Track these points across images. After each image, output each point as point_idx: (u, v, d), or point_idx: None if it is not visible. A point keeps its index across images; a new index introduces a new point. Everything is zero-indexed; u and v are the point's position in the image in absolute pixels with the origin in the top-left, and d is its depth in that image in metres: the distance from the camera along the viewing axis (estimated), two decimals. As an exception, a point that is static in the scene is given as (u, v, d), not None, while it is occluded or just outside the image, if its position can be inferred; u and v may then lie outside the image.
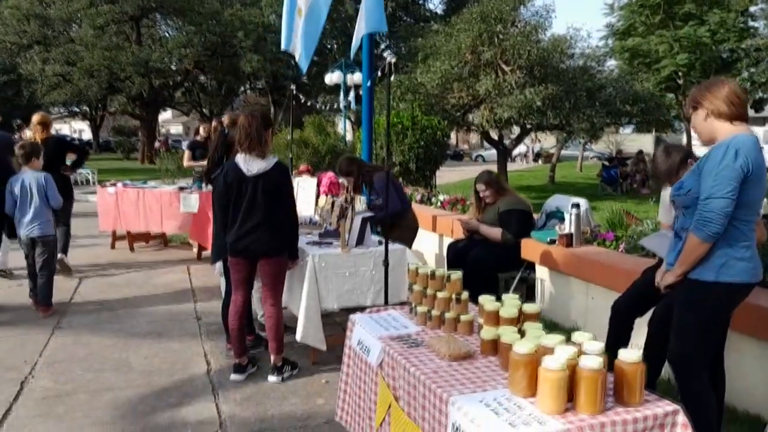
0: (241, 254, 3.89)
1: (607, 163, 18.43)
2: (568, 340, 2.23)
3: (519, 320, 2.53)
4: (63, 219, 6.49)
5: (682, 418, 2.04)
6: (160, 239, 8.45)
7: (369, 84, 6.40)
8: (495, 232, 5.25)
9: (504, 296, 2.73)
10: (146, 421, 3.41)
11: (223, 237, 3.95)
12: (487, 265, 5.25)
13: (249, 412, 3.54)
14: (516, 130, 15.24)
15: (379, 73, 4.89)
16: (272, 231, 3.83)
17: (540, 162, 34.92)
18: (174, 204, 7.66)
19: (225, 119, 4.77)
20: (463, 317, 2.77)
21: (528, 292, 5.70)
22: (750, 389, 3.43)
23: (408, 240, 5.15)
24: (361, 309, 4.64)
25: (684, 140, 28.22)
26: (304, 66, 5.75)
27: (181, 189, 7.82)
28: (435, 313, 2.82)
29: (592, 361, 1.98)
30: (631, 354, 2.05)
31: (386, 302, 3.95)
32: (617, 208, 5.53)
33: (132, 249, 8.10)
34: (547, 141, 38.81)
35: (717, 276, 2.57)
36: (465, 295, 2.80)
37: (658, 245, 3.59)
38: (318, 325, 4.03)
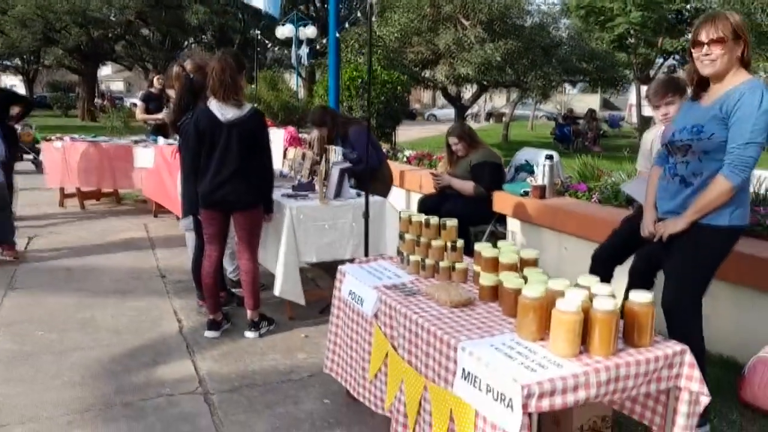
0: (216, 206, 3.70)
1: (560, 121, 18.68)
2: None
3: (518, 266, 2.48)
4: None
5: (689, 357, 2.05)
6: (113, 197, 8.06)
7: (336, 35, 6.16)
8: (467, 186, 5.20)
9: (500, 243, 2.68)
10: (120, 381, 3.25)
11: (195, 189, 3.75)
12: (460, 219, 5.18)
13: (228, 368, 3.42)
14: (473, 87, 15.18)
15: (359, 15, 4.68)
16: (248, 182, 3.66)
17: (491, 121, 35.16)
18: (127, 159, 7.29)
19: (188, 65, 4.48)
20: (458, 265, 2.70)
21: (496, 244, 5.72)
22: (724, 333, 3.53)
23: (382, 194, 5.03)
24: (341, 263, 4.58)
25: (631, 100, 28.88)
26: (275, 11, 5.45)
27: (135, 143, 7.44)
28: (429, 261, 2.75)
29: (606, 303, 1.95)
30: (643, 295, 2.03)
31: (366, 255, 3.86)
32: (587, 161, 5.56)
33: (83, 207, 7.70)
34: (498, 100, 39.13)
35: (730, 221, 2.55)
36: (460, 243, 2.73)
37: (640, 191, 3.60)
38: (296, 279, 3.91)
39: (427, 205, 5.58)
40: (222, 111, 3.56)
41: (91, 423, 2.85)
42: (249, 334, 3.84)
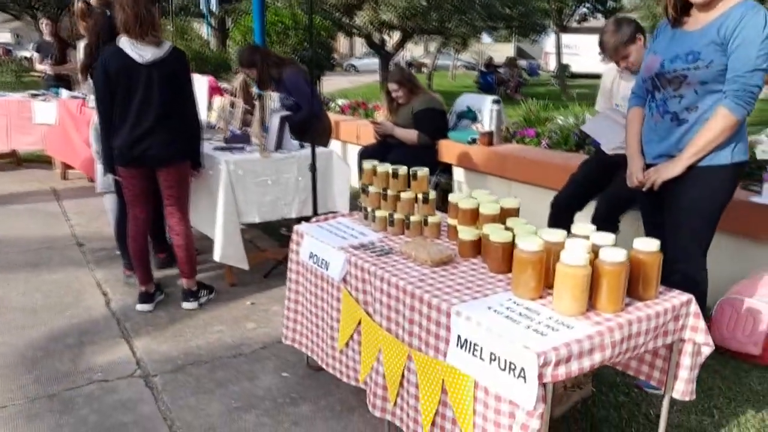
0: (136, 163, 3.24)
1: (483, 70, 18.63)
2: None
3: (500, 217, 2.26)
4: None
5: (694, 307, 1.91)
6: (11, 158, 7.21)
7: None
8: (411, 135, 4.93)
9: (475, 193, 2.44)
10: (41, 369, 2.82)
11: (110, 144, 3.27)
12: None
13: (168, 345, 3.05)
14: (396, 35, 14.74)
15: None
16: (173, 132, 3.22)
17: (411, 71, 34.78)
18: (25, 115, 6.48)
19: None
20: (431, 219, 2.45)
21: (443, 195, 5.53)
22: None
23: (324, 144, 4.68)
24: (283, 223, 4.22)
25: (547, 48, 29.34)
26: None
27: (33, 96, 6.61)
28: (398, 216, 2.48)
29: (616, 253, 1.75)
30: (649, 243, 1.85)
31: (315, 212, 3.53)
32: (531, 105, 5.41)
33: (-25, 171, 6.85)
34: (416, 50, 38.71)
35: (732, 157, 2.35)
36: (433, 194, 2.47)
37: (601, 130, 3.46)
38: (238, 241, 3.54)
39: (367, 157, 5.28)
40: (138, 50, 3.07)
41: (10, 422, 2.43)
42: (187, 305, 3.46)
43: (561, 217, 3.59)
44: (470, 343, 1.74)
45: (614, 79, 3.53)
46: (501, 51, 34.69)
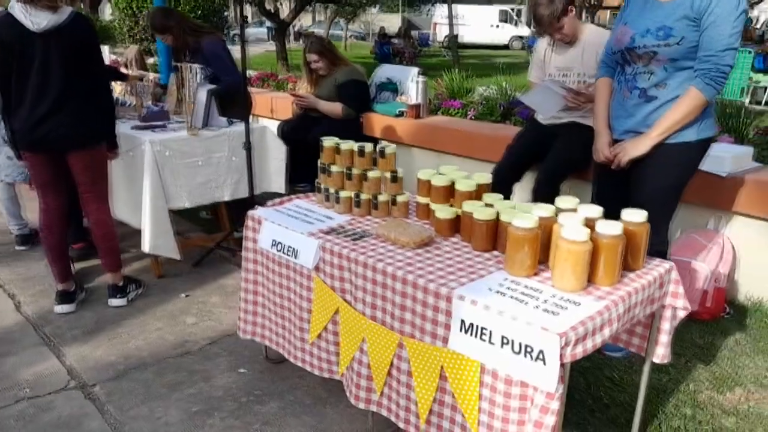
0: (39, 147, 2.86)
1: (378, 40, 18.53)
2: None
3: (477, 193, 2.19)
4: None
5: (675, 274, 1.96)
6: None
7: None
8: (335, 107, 4.76)
9: (442, 168, 2.36)
10: (-48, 390, 2.44)
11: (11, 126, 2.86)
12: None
13: (103, 349, 2.75)
14: (290, 3, 14.22)
15: None
16: (80, 111, 2.86)
17: (301, 42, 34.00)
18: None
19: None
20: (399, 198, 2.34)
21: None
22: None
23: (244, 117, 4.40)
24: (210, 207, 3.92)
25: (435, 19, 29.73)
26: None
27: None
28: (365, 196, 2.34)
29: (612, 227, 1.75)
30: (635, 214, 1.86)
31: (251, 195, 3.31)
32: (455, 77, 5.39)
33: None
34: (303, 20, 37.83)
35: (698, 134, 2.36)
36: (401, 171, 2.36)
37: (539, 100, 3.49)
38: (169, 229, 3.24)
39: (288, 132, 5.04)
40: (31, 17, 2.67)
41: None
42: (115, 302, 3.14)
43: (500, 188, 3.60)
44: (477, 327, 1.67)
45: (546, 51, 3.57)
46: (389, 22, 34.77)
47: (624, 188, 2.64)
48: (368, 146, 2.32)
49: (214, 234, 3.85)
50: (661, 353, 2.02)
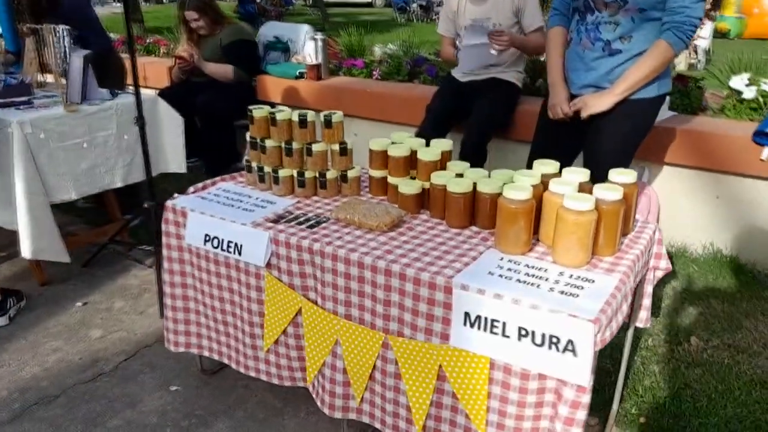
0: None
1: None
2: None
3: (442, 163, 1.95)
4: None
5: (658, 233, 1.87)
6: None
7: None
8: (225, 70, 4.28)
9: (395, 135, 2.09)
10: None
11: None
12: (221, 112, 4.32)
13: (-13, 384, 2.23)
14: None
15: None
16: None
17: (152, 2, 31.32)
18: None
19: None
20: (351, 173, 2.04)
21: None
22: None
23: (120, 88, 3.80)
24: (98, 197, 3.34)
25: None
26: None
27: None
28: (310, 174, 2.02)
29: (612, 193, 1.59)
30: (626, 174, 1.72)
31: (149, 176, 2.82)
32: (353, 34, 5.04)
33: None
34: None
35: (659, 89, 2.27)
36: (350, 142, 2.05)
37: (468, 56, 3.29)
38: (53, 228, 2.68)
39: (169, 102, 4.47)
40: None
41: None
42: (-8, 322, 2.57)
43: (426, 151, 3.41)
44: (486, 319, 1.45)
45: (459, 2, 3.36)
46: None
47: (571, 145, 2.54)
48: (310, 114, 1.99)
49: (103, 226, 3.30)
50: (644, 317, 1.94)
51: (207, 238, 1.89)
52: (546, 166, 1.80)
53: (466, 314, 1.48)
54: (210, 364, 2.25)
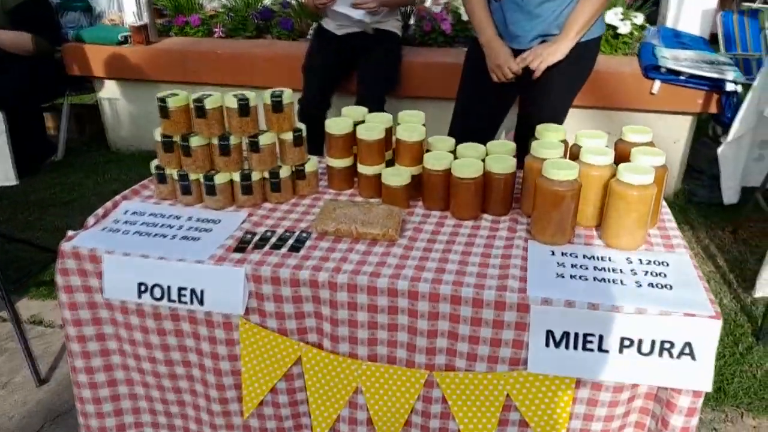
0: None
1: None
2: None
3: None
4: None
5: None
6: None
7: None
8: (22, 40, 3.35)
9: (344, 112, 1.68)
10: None
11: None
12: (24, 94, 3.41)
13: None
14: None
15: None
16: None
17: None
18: None
19: None
20: (307, 167, 1.60)
21: (81, 120, 4.09)
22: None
23: None
24: None
25: None
26: None
27: None
28: (257, 176, 1.53)
29: (655, 157, 1.38)
30: (641, 133, 1.53)
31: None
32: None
33: None
34: None
35: (600, 30, 2.14)
36: (304, 129, 1.58)
37: (337, 16, 2.89)
38: None
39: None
40: None
41: None
42: None
43: (313, 120, 2.97)
44: (575, 335, 1.19)
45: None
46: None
47: (504, 100, 2.33)
48: (250, 96, 1.48)
49: None
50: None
51: (142, 289, 1.34)
52: (556, 132, 1.55)
53: (549, 333, 1.20)
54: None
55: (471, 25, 2.28)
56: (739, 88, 2.82)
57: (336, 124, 1.58)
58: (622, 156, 1.45)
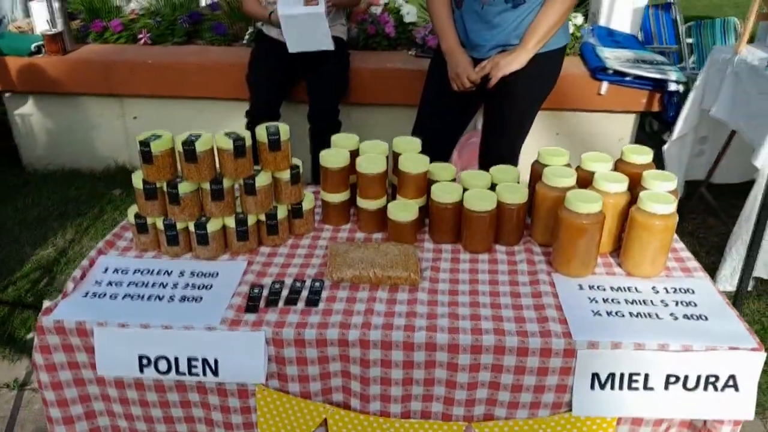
0: None
1: None
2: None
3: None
4: None
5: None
6: None
7: None
8: None
9: (337, 139, 1.57)
10: None
11: None
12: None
13: None
14: None
15: None
16: None
17: None
18: None
19: None
20: (305, 205, 1.48)
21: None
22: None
23: None
24: None
25: None
26: None
27: None
28: (252, 220, 1.40)
29: (668, 182, 1.38)
30: (642, 153, 1.53)
31: None
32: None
33: None
34: None
35: (566, 39, 2.12)
36: (299, 164, 1.46)
37: (298, 35, 2.74)
38: None
39: None
40: None
41: None
42: None
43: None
44: (621, 376, 1.16)
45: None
46: None
47: (467, 110, 2.30)
48: (246, 135, 1.34)
49: None
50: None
51: (144, 362, 1.18)
52: (559, 155, 1.52)
53: (595, 375, 1.17)
54: None
55: (434, 32, 2.22)
56: (681, 88, 2.93)
57: (332, 157, 1.47)
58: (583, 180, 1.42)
